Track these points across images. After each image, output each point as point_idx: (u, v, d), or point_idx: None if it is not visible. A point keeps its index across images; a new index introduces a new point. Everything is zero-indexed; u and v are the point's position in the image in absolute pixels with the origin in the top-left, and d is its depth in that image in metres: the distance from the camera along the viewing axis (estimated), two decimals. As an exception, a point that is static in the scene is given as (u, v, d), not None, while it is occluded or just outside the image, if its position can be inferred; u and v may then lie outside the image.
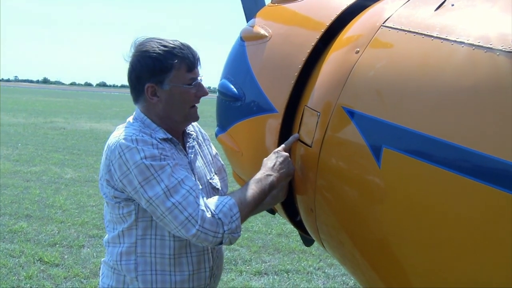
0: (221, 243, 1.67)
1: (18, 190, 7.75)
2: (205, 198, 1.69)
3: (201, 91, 1.83)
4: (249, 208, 1.73)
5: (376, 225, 1.54)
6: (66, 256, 5.09)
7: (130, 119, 1.86)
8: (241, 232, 1.72)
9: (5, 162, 10.16)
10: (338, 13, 1.93)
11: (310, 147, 1.77)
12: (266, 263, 5.15)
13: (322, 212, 1.79)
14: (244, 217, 1.72)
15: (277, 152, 1.84)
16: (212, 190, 1.95)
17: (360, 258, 1.73)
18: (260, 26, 2.25)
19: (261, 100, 2.07)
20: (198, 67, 1.83)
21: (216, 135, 2.48)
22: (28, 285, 4.38)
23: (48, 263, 4.87)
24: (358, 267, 1.80)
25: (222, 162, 2.16)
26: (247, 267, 5.01)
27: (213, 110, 2.62)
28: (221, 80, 2.39)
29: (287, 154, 1.84)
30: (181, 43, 1.80)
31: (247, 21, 2.50)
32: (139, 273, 1.78)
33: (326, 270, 4.97)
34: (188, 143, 1.93)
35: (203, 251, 1.86)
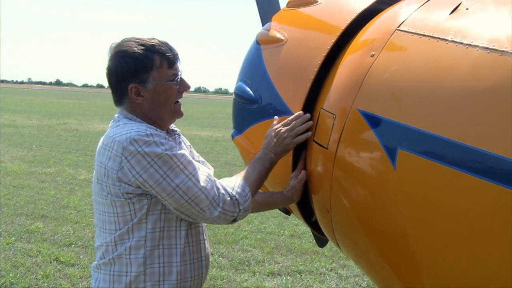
0: (234, 220, 1.78)
1: (34, 191, 7.87)
2: (219, 181, 1.78)
3: (183, 86, 1.87)
4: (255, 186, 1.86)
5: (391, 225, 1.57)
6: (81, 256, 5.16)
7: (121, 119, 1.82)
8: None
9: (20, 163, 10.31)
10: (353, 17, 1.96)
11: (326, 148, 1.80)
12: (279, 264, 5.17)
13: (338, 213, 1.82)
14: (253, 195, 1.83)
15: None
16: None
17: (375, 258, 1.75)
18: (276, 29, 2.29)
19: (277, 102, 2.11)
20: (178, 63, 1.85)
21: (233, 137, 2.52)
22: (46, 284, 4.45)
23: (64, 262, 4.94)
24: (372, 266, 1.83)
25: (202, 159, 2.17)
26: (260, 268, 5.04)
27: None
28: (237, 82, 2.43)
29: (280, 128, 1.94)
30: (158, 40, 1.81)
31: (263, 24, 2.53)
32: (148, 267, 1.77)
33: (339, 271, 4.98)
34: (175, 140, 1.94)
35: (201, 240, 1.90)
